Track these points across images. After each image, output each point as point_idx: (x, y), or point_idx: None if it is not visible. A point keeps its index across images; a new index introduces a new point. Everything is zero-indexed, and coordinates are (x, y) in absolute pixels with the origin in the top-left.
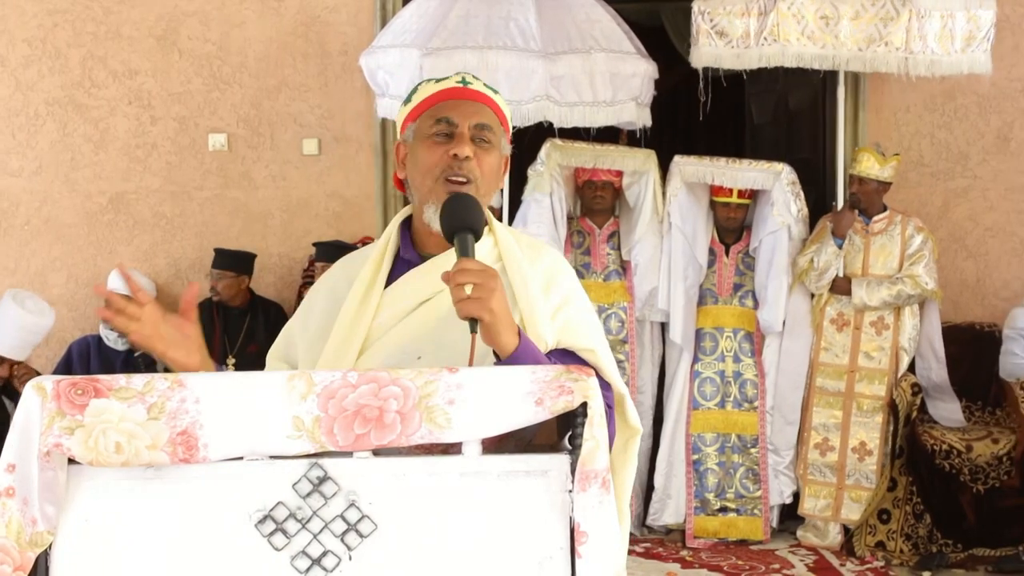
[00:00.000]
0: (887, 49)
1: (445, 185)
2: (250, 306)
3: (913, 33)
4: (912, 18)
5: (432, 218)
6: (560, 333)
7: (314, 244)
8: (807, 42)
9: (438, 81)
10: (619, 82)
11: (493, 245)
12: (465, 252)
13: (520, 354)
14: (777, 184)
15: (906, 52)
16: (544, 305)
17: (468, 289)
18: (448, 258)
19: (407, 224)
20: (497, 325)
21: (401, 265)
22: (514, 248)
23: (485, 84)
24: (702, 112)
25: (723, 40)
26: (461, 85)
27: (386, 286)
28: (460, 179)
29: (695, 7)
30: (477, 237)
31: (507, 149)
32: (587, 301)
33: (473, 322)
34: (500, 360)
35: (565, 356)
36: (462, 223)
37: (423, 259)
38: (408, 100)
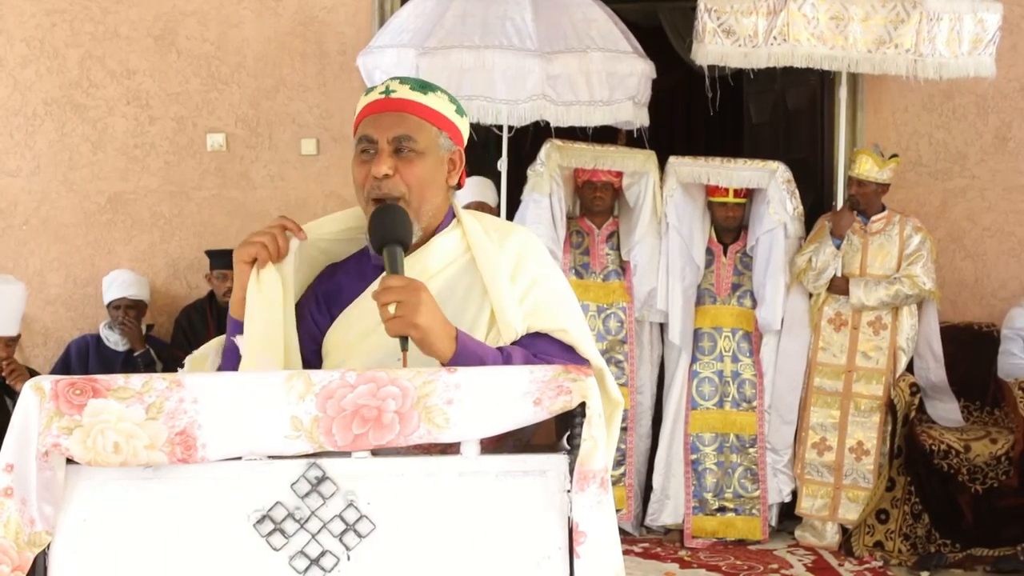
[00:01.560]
0: (896, 51)
1: (372, 205)
2: None
3: (923, 35)
4: (922, 20)
5: None
6: (529, 317)
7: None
8: (817, 43)
9: (365, 95)
10: (616, 81)
11: (461, 237)
12: (393, 267)
13: (457, 359)
14: (772, 182)
15: (915, 55)
16: (512, 291)
17: (392, 308)
18: (412, 261)
19: None
20: (428, 338)
21: (375, 271)
22: (482, 237)
23: (417, 84)
24: (712, 108)
25: (730, 39)
26: (383, 97)
27: None
28: (384, 199)
29: (700, 4)
30: (406, 248)
31: (448, 147)
32: (559, 279)
33: (404, 340)
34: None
35: (537, 340)
36: (390, 236)
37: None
38: (355, 114)
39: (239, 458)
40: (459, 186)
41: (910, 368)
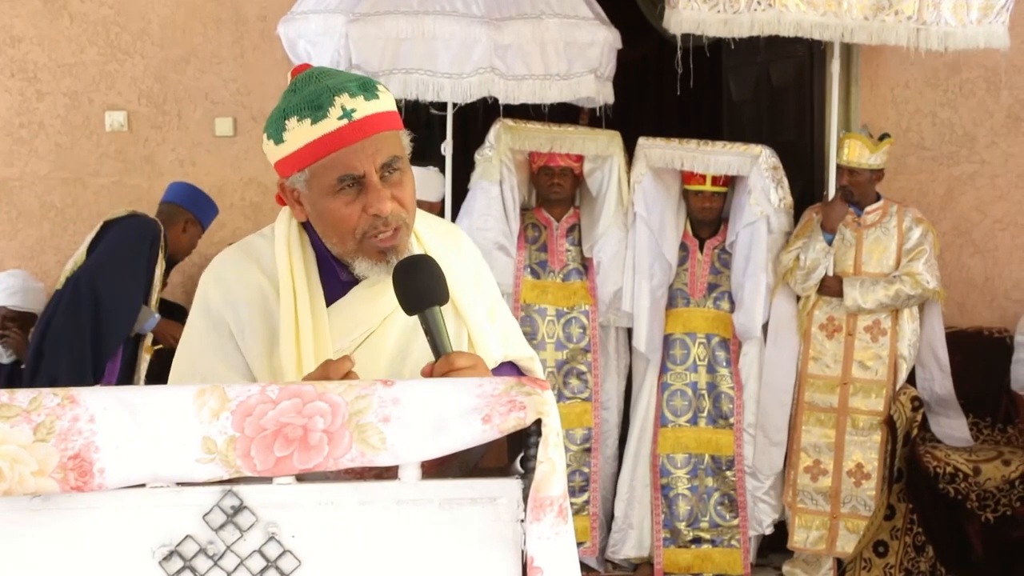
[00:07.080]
0: (896, 19)
1: (371, 243)
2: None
3: (927, 1)
4: None
5: (367, 270)
6: (503, 343)
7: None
8: (807, 8)
9: (313, 122)
10: (574, 52)
11: (416, 244)
12: (443, 340)
13: None
14: (755, 169)
15: (918, 23)
16: (485, 314)
17: None
18: (390, 285)
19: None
20: None
21: (337, 284)
22: (439, 246)
23: (358, 88)
24: (679, 87)
25: (707, 3)
26: (346, 122)
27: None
28: (387, 233)
29: None
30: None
31: (408, 144)
32: (498, 288)
33: None
34: None
35: (511, 370)
36: (430, 297)
37: (356, 280)
38: (279, 139)
39: (143, 485)
40: None
41: (912, 379)
